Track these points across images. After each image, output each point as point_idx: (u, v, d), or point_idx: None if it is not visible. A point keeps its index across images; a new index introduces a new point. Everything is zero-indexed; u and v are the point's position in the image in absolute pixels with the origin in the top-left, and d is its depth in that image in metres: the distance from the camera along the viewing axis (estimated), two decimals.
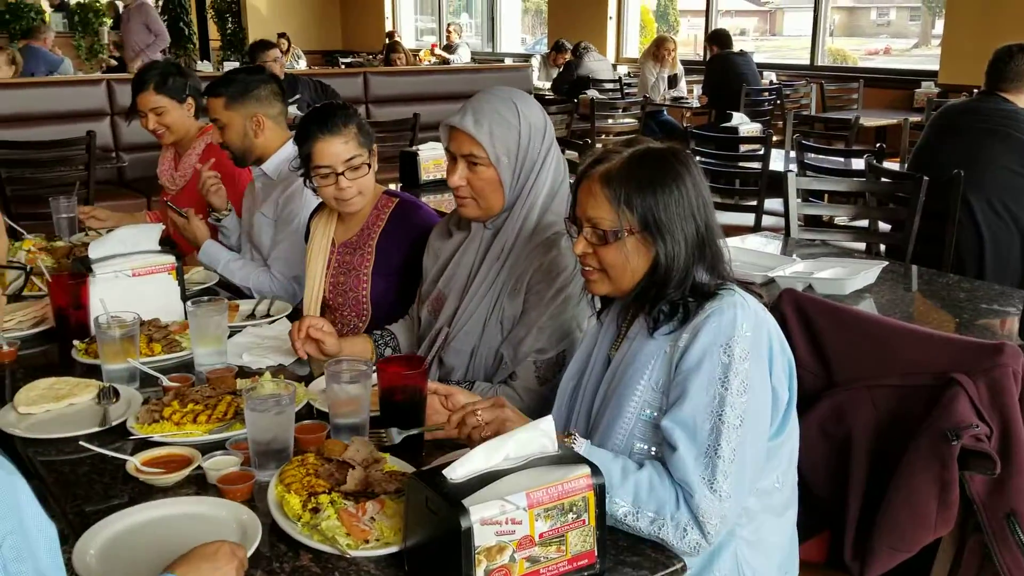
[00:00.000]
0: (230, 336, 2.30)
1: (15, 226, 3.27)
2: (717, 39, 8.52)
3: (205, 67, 10.58)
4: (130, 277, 2.38)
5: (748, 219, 5.01)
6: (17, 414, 1.83)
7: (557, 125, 6.77)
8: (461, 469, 1.31)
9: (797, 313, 2.01)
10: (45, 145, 4.65)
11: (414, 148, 4.47)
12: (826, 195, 4.53)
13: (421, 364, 1.73)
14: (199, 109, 3.28)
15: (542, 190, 2.01)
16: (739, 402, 1.48)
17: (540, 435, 1.38)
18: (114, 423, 1.78)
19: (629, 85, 9.48)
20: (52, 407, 1.86)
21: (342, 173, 2.31)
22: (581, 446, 1.50)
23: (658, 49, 8.88)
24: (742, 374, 1.48)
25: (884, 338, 1.91)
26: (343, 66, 11.61)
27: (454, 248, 2.14)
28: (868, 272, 2.80)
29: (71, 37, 12.83)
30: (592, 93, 8.33)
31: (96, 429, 1.76)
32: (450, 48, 12.19)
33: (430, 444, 1.74)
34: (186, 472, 1.60)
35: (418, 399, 1.72)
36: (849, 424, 1.89)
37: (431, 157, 4.43)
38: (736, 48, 8.43)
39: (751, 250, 3.15)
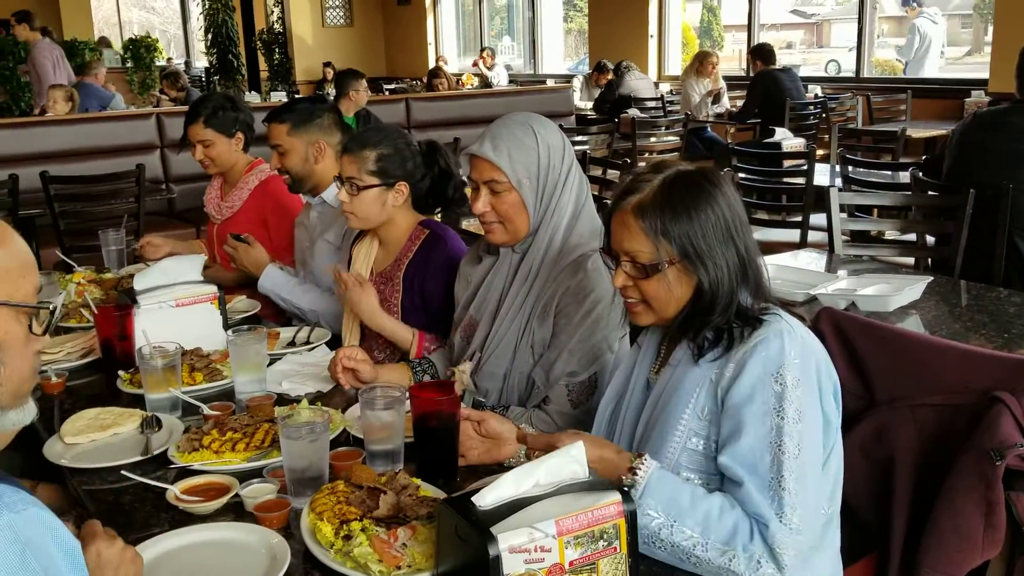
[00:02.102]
0: (270, 364, 2.34)
1: (67, 260, 3.37)
2: (760, 54, 8.46)
3: (254, 98, 10.78)
4: (174, 308, 2.43)
5: (794, 235, 4.95)
6: (64, 444, 1.88)
7: (598, 145, 6.78)
8: (490, 495, 1.31)
9: (836, 333, 1.98)
10: (97, 179, 4.79)
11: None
12: (875, 210, 4.47)
13: (453, 390, 1.74)
14: (248, 143, 3.34)
15: (566, 210, 2.02)
16: (795, 430, 1.45)
17: (570, 461, 1.38)
18: (156, 452, 1.82)
19: (672, 103, 9.46)
20: (97, 437, 1.90)
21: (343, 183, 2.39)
22: (650, 468, 1.48)
23: (701, 64, 8.85)
24: (796, 402, 1.46)
25: (925, 356, 1.88)
26: (387, 93, 11.78)
27: (484, 273, 2.15)
28: (913, 288, 2.74)
29: (124, 72, 13.19)
30: (633, 112, 8.31)
31: (138, 458, 1.80)
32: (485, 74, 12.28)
33: (464, 469, 1.74)
34: (224, 500, 1.62)
35: (451, 425, 1.72)
36: (891, 445, 1.86)
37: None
38: (783, 61, 8.34)
39: (794, 267, 3.11)
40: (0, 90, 11.22)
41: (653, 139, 7.32)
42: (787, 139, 5.64)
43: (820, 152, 6.87)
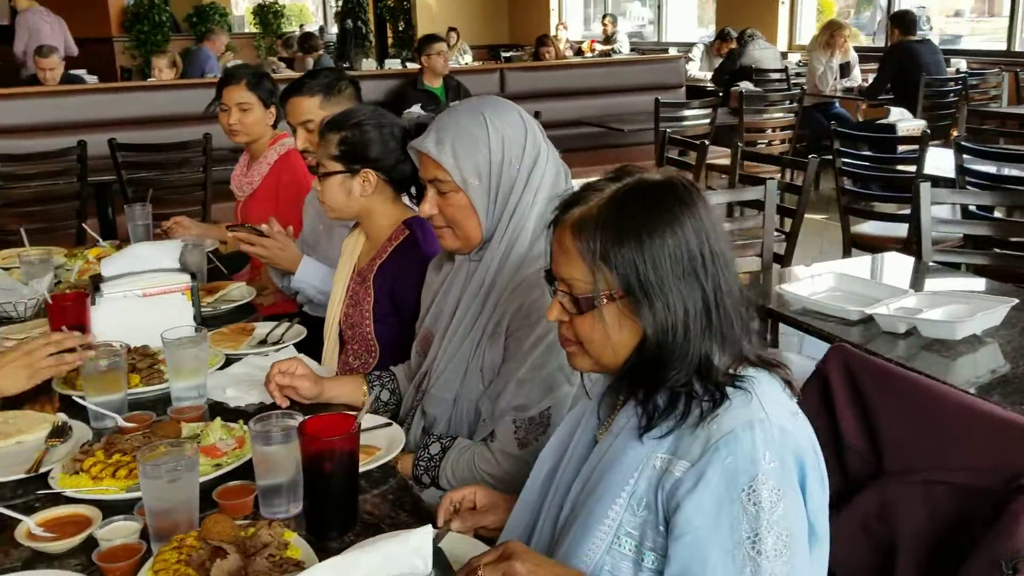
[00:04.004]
0: (227, 365, 2.15)
1: (92, 233, 3.29)
2: (901, 22, 7.69)
3: (370, 64, 10.74)
4: (140, 298, 2.27)
5: (901, 230, 4.42)
6: None
7: (698, 120, 6.31)
8: None
9: (846, 378, 1.61)
10: (164, 147, 4.76)
11: None
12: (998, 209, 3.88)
13: (351, 424, 1.48)
14: (277, 121, 3.20)
15: (529, 213, 1.71)
16: (778, 565, 1.10)
17: (410, 552, 1.10)
18: (44, 470, 1.65)
19: (799, 75, 8.79)
20: None
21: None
22: None
23: (830, 36, 8.15)
24: (778, 525, 1.10)
25: (953, 420, 1.48)
26: (503, 60, 11.53)
27: (441, 282, 1.88)
28: (991, 312, 2.28)
29: (251, 38, 13.45)
30: (745, 85, 7.75)
31: (20, 476, 1.63)
32: (608, 40, 11.81)
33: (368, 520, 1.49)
34: (76, 540, 1.43)
35: (346, 468, 1.46)
36: (896, 525, 1.48)
37: None
38: (947, 30, 7.50)
39: (855, 277, 2.68)
40: (137, 54, 11.65)
41: (765, 116, 6.77)
42: (904, 121, 5.06)
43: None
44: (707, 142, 6.08)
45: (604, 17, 12.47)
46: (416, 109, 5.87)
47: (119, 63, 11.42)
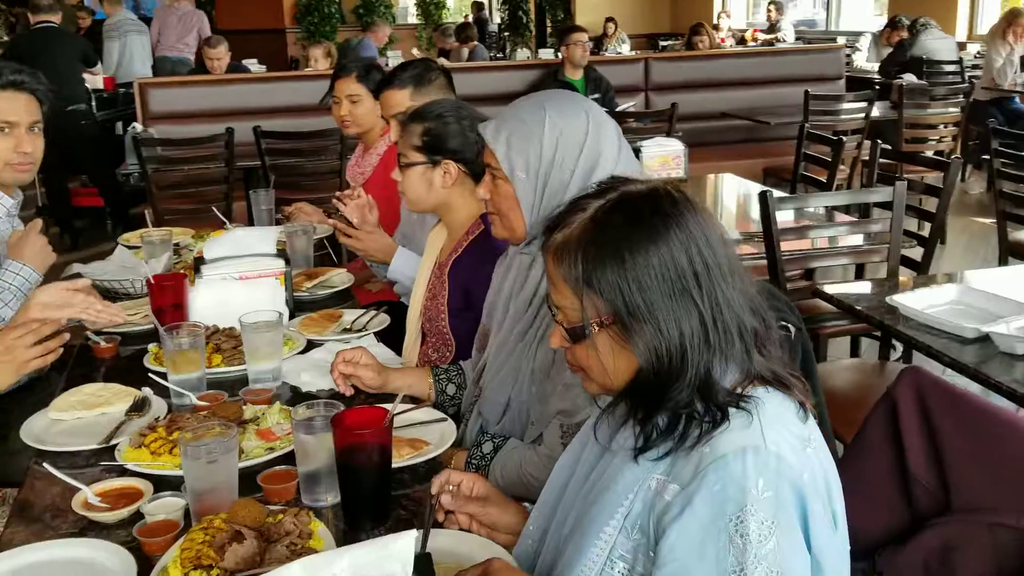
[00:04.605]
0: (308, 349, 2.20)
1: (219, 215, 3.45)
2: None
3: (522, 54, 10.79)
4: (236, 281, 2.37)
5: None
6: (48, 419, 1.86)
7: (853, 115, 5.97)
8: None
9: (917, 403, 1.48)
10: (304, 135, 4.95)
11: (639, 143, 4.10)
12: None
13: (383, 417, 1.48)
14: None
15: None
16: None
17: (388, 557, 1.08)
18: (115, 442, 1.74)
19: (976, 67, 8.17)
20: (84, 415, 1.87)
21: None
22: None
23: (1009, 25, 7.52)
24: (766, 561, 1.02)
25: None
26: (660, 49, 11.32)
27: (502, 274, 1.86)
28: None
29: (414, 29, 13.81)
30: (908, 77, 7.26)
31: (95, 446, 1.73)
32: (772, 28, 11.36)
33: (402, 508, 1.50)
34: (125, 512, 1.50)
35: (379, 461, 1.47)
36: (957, 568, 1.35)
37: (657, 154, 4.05)
38: None
39: (981, 291, 2.45)
40: (307, 45, 12.20)
41: (928, 111, 6.33)
42: None
43: None
44: (862, 139, 5.79)
45: (769, 4, 12.02)
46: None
47: (290, 53, 12.00)
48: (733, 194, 4.42)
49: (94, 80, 7.01)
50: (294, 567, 1.07)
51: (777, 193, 3.11)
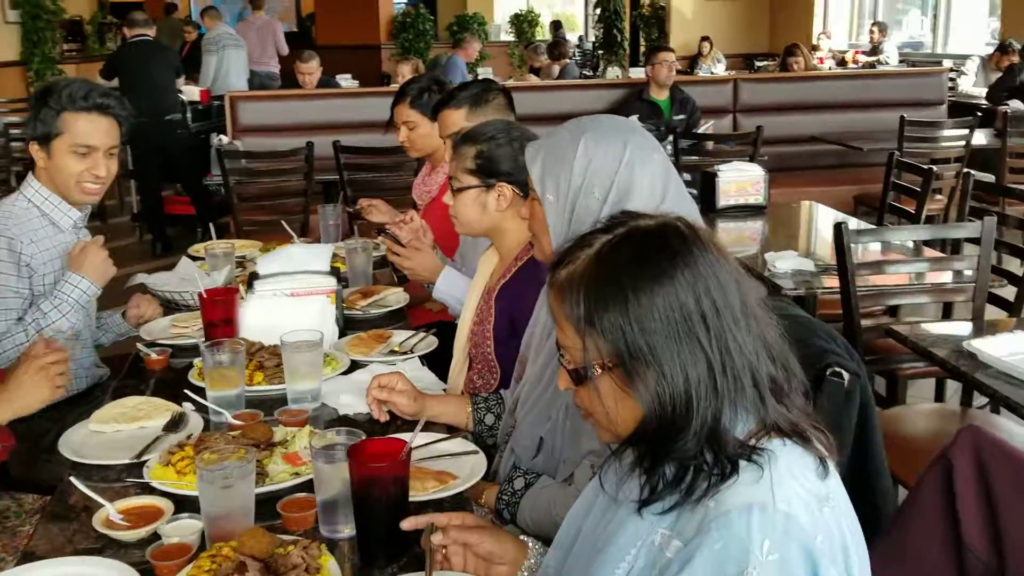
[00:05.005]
0: (351, 370, 2.18)
1: (289, 228, 3.48)
2: None
3: (613, 72, 10.70)
4: (287, 297, 2.37)
5: None
6: (88, 429, 1.88)
7: (951, 142, 5.69)
8: None
9: (975, 466, 1.36)
10: (381, 151, 4.98)
11: (715, 168, 3.99)
12: None
13: (401, 449, 1.44)
14: None
15: None
16: None
17: None
18: (146, 458, 1.74)
19: None
20: (124, 428, 1.88)
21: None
22: None
23: None
24: None
25: None
26: (755, 70, 11.08)
27: (541, 303, 1.79)
28: None
29: (506, 47, 13.87)
30: (1015, 104, 6.90)
31: (126, 461, 1.74)
32: (875, 50, 11.00)
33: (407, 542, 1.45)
34: (142, 532, 1.49)
35: (394, 495, 1.43)
36: None
37: (734, 180, 3.93)
38: None
39: None
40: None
41: None
42: None
43: None
44: (962, 167, 5.51)
45: (872, 25, 11.65)
46: (633, 120, 5.76)
47: (384, 69, 12.19)
48: (815, 223, 4.25)
49: (190, 92, 7.23)
50: None
51: (855, 224, 2.97)
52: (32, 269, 2.27)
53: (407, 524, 1.34)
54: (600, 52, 14.77)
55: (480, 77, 9.05)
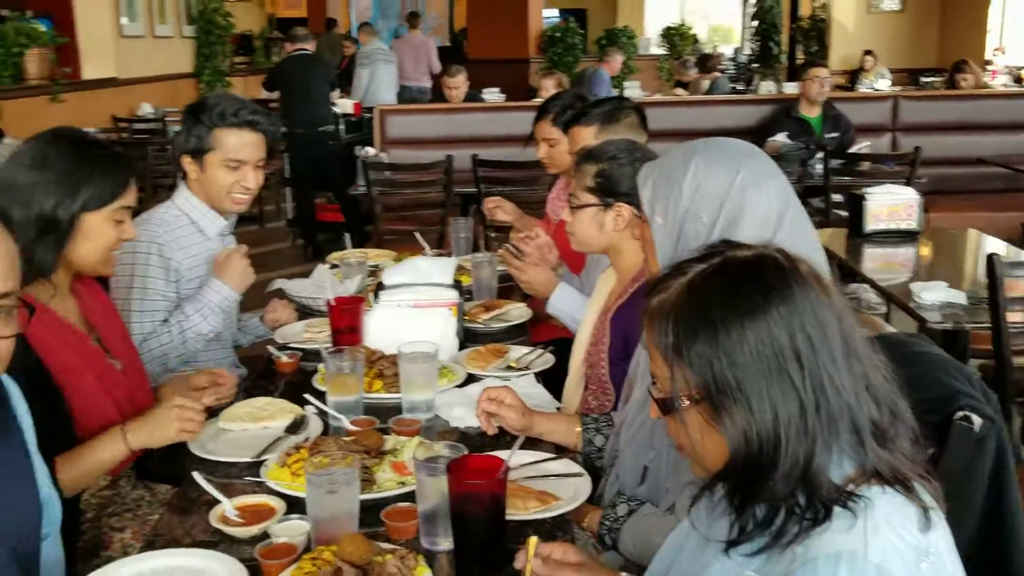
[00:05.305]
0: (466, 383, 2.21)
1: (422, 240, 3.56)
2: None
3: (767, 86, 10.42)
4: (410, 308, 2.43)
5: None
6: (216, 427, 1.97)
7: None
8: None
9: None
10: (517, 165, 5.04)
11: (864, 189, 3.81)
12: None
13: (499, 467, 1.44)
14: None
15: None
16: None
17: None
18: (266, 457, 1.82)
19: None
20: (249, 427, 1.97)
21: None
22: None
23: None
24: None
25: None
26: (920, 86, 10.54)
27: None
28: None
29: (655, 60, 13.75)
30: None
31: (248, 459, 1.82)
32: None
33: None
34: (254, 530, 1.56)
35: (491, 511, 1.44)
36: None
37: (885, 203, 3.73)
38: None
39: None
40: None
41: None
42: None
43: None
44: None
45: None
46: (780, 138, 5.59)
47: (531, 82, 12.34)
48: (975, 251, 3.98)
49: (344, 105, 7.54)
50: None
51: (1013, 255, 2.78)
52: (179, 274, 2.42)
53: (520, 561, 1.33)
54: (754, 66, 14.43)
55: (625, 91, 9.06)
